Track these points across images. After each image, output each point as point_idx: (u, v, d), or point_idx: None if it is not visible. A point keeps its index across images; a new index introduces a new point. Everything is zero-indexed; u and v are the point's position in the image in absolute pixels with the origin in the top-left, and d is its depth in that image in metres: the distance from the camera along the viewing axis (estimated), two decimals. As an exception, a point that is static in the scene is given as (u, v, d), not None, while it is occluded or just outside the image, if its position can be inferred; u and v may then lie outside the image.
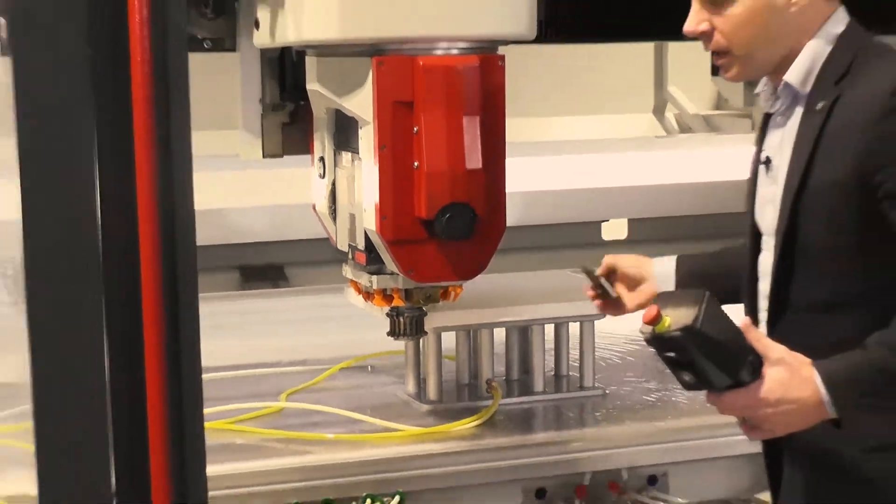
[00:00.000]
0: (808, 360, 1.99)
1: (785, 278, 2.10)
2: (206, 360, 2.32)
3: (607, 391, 3.24)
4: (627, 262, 2.34)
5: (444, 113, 2.61)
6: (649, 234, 4.83)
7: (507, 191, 2.74)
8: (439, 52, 2.58)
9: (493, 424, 2.94)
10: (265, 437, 2.85)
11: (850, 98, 2.02)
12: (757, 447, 2.48)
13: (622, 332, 3.40)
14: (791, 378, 2.00)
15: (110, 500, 2.10)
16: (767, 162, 2.14)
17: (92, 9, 1.97)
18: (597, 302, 2.42)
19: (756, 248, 2.23)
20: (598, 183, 4.74)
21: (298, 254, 4.31)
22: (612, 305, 2.49)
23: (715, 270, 2.36)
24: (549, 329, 3.15)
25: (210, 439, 2.28)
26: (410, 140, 2.60)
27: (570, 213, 4.83)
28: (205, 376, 2.23)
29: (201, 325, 2.23)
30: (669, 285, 2.36)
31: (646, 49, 6.34)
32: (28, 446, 1.94)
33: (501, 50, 2.67)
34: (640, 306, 2.38)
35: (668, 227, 4.71)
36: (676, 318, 2.01)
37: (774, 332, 2.10)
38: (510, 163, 2.71)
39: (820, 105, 2.05)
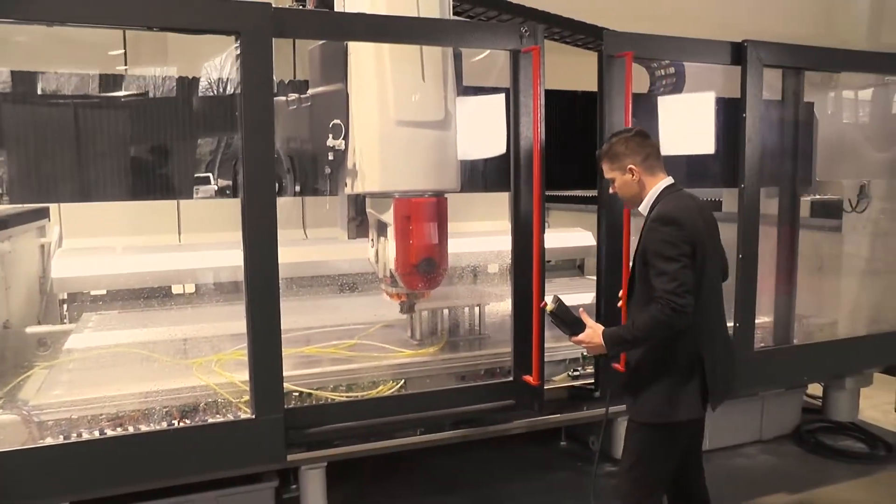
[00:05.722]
0: (601, 327, 2.56)
1: (630, 288, 2.58)
2: (324, 321, 3.34)
3: (490, 335, 3.81)
4: None
5: (422, 221, 3.11)
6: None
7: (448, 252, 3.23)
8: (421, 195, 3.12)
9: (443, 349, 3.54)
10: (345, 356, 3.37)
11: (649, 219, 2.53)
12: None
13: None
14: (593, 334, 2.57)
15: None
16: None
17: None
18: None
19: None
20: (490, 247, 4.75)
21: (363, 278, 4.35)
22: None
23: None
24: (467, 309, 3.80)
25: (320, 357, 3.06)
26: (409, 233, 3.12)
27: (482, 259, 4.82)
28: (321, 330, 3.14)
29: (325, 306, 3.15)
30: None
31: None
32: (244, 358, 2.81)
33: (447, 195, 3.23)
34: None
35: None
36: (549, 307, 2.57)
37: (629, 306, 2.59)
38: (451, 241, 3.24)
39: (647, 222, 2.54)
